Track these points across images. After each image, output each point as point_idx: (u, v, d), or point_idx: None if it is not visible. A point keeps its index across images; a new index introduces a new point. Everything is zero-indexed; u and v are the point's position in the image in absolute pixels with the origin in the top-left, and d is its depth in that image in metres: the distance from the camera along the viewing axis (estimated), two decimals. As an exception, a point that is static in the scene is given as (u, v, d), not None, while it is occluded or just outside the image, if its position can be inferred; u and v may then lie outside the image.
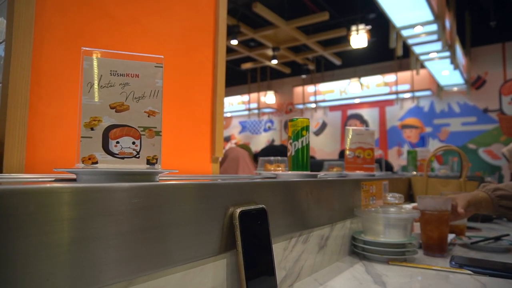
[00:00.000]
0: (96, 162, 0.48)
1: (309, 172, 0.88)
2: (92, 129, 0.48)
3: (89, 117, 0.48)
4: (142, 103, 0.51)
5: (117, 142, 0.49)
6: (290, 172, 0.88)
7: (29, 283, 0.33)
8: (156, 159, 0.51)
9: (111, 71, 0.50)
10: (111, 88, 0.49)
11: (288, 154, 0.90)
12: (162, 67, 0.53)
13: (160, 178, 0.73)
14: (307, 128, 0.89)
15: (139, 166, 0.50)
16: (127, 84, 0.50)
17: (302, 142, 0.88)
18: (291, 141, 0.89)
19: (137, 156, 0.50)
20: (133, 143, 0.50)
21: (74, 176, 0.49)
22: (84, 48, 0.48)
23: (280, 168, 1.23)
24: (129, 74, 0.51)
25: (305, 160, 0.88)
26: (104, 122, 0.49)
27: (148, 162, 0.50)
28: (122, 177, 0.47)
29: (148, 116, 0.51)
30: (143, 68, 0.52)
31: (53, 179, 0.54)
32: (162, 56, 0.53)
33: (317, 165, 1.21)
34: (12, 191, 0.33)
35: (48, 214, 0.35)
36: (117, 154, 0.49)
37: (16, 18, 0.85)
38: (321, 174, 0.92)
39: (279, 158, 1.28)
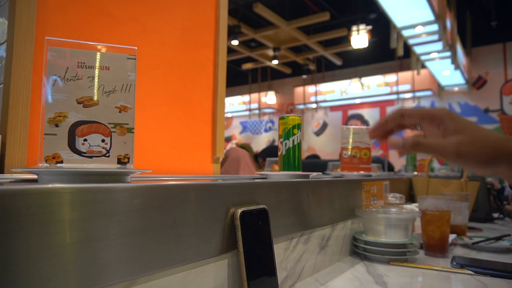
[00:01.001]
0: (61, 162, 0.44)
1: (300, 173, 0.84)
2: (56, 125, 0.44)
3: (53, 112, 0.44)
4: (113, 98, 0.47)
5: (85, 140, 0.46)
6: (281, 172, 0.84)
7: (32, 283, 0.33)
8: (128, 158, 0.48)
9: (78, 63, 0.46)
10: (79, 81, 0.46)
11: (279, 153, 0.86)
12: (135, 59, 0.49)
13: (161, 178, 0.74)
14: (298, 126, 0.85)
15: (109, 165, 0.46)
16: (96, 77, 0.47)
17: (293, 141, 0.85)
18: (281, 140, 0.86)
19: (107, 155, 0.47)
20: (103, 140, 0.46)
21: (35, 177, 0.46)
22: (48, 38, 0.45)
23: None
24: (98, 66, 0.47)
25: (297, 160, 0.85)
26: (70, 118, 0.45)
27: (119, 161, 0.47)
28: (89, 177, 0.44)
29: (120, 112, 0.47)
30: (114, 60, 0.48)
31: (11, 180, 0.50)
32: (135, 47, 0.49)
33: (322, 165, 1.20)
34: (14, 192, 0.33)
35: (50, 215, 0.35)
36: (85, 153, 0.45)
37: (18, 19, 0.85)
38: (313, 175, 0.88)
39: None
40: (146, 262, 0.45)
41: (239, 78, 9.01)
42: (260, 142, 9.08)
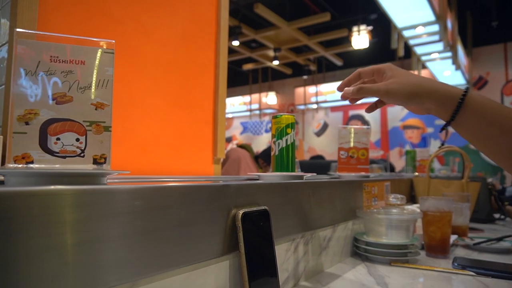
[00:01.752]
0: (32, 162, 0.41)
1: (294, 173, 0.82)
2: (27, 123, 0.41)
3: (23, 109, 0.41)
4: (88, 94, 0.44)
5: (58, 139, 0.43)
6: (273, 173, 0.81)
7: (34, 285, 0.33)
8: (105, 158, 0.45)
9: (51, 56, 0.43)
10: (51, 76, 0.43)
11: (272, 153, 0.84)
12: (113, 53, 0.46)
13: (162, 180, 0.74)
14: (292, 125, 0.83)
15: (84, 166, 0.44)
16: (70, 72, 0.44)
17: (286, 140, 0.82)
18: (274, 139, 0.83)
19: (82, 154, 0.44)
20: (77, 139, 0.44)
21: (1, 178, 0.43)
22: (18, 30, 0.42)
23: None
24: (73, 60, 0.44)
25: (290, 160, 0.82)
26: (41, 115, 0.42)
27: (95, 161, 0.44)
28: (60, 179, 0.41)
29: (96, 109, 0.45)
30: (91, 53, 0.45)
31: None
32: (113, 41, 0.47)
33: (325, 166, 1.19)
34: (16, 193, 0.33)
35: (52, 216, 0.35)
36: (58, 153, 0.42)
37: (19, 20, 0.85)
38: (307, 175, 0.86)
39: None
40: (148, 264, 0.45)
41: (240, 79, 9.01)
42: (261, 143, 9.08)
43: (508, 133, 0.54)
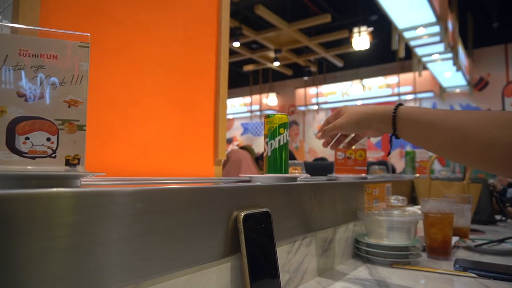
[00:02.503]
0: None
1: (286, 175, 0.79)
2: None
3: None
4: (60, 91, 0.42)
5: (27, 138, 0.40)
6: (265, 175, 0.79)
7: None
8: (78, 159, 0.42)
9: (20, 50, 0.40)
10: (20, 71, 0.40)
11: (264, 154, 0.81)
12: (88, 47, 0.44)
13: (162, 182, 0.74)
14: (285, 125, 0.80)
15: (55, 167, 0.41)
16: (41, 67, 0.41)
17: (279, 141, 0.79)
18: (267, 140, 0.80)
19: (53, 155, 0.41)
20: (48, 139, 0.41)
21: None
22: None
23: (297, 171, 1.22)
24: (44, 54, 0.41)
25: (283, 162, 0.79)
26: (9, 113, 0.39)
27: (68, 162, 0.42)
28: (28, 182, 0.39)
29: (69, 107, 0.42)
30: (64, 47, 0.42)
31: None
32: (88, 34, 0.44)
33: (328, 168, 1.19)
34: (17, 196, 0.33)
35: (54, 219, 0.35)
36: (26, 153, 0.40)
37: (21, 21, 0.85)
38: (301, 177, 0.85)
39: (295, 161, 1.24)
40: (149, 266, 0.45)
41: (240, 80, 9.02)
42: (261, 144, 9.08)
43: (440, 130, 0.63)
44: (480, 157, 0.59)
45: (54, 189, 0.36)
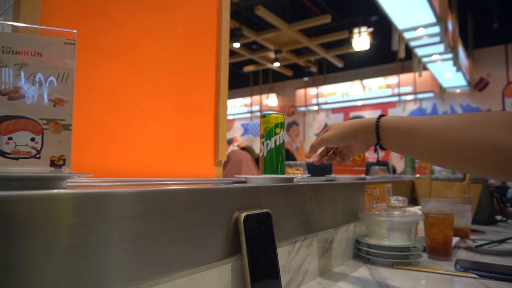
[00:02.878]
0: None
1: (283, 176, 0.78)
2: None
3: None
4: (45, 89, 0.41)
5: (10, 138, 0.39)
6: (261, 175, 0.78)
7: (37, 289, 0.33)
8: (64, 160, 0.40)
9: (3, 47, 0.39)
10: (3, 68, 0.39)
11: (260, 155, 0.80)
12: (74, 44, 0.42)
13: (163, 183, 0.74)
14: (281, 125, 0.79)
15: (40, 168, 0.40)
16: (25, 65, 0.40)
17: (275, 141, 0.78)
18: (263, 140, 0.79)
19: (38, 156, 0.40)
20: (32, 139, 0.39)
21: None
22: None
23: (299, 172, 1.22)
24: (28, 52, 0.40)
25: (279, 162, 0.78)
26: None
27: (53, 163, 0.40)
28: (10, 183, 0.37)
29: (54, 106, 0.41)
30: (49, 45, 0.41)
31: None
32: (75, 31, 0.42)
33: (330, 168, 1.18)
34: (18, 198, 0.33)
35: (55, 220, 0.35)
36: (10, 154, 0.38)
37: (22, 23, 0.85)
38: (297, 178, 0.84)
39: (298, 162, 1.24)
40: (150, 267, 0.45)
41: (241, 81, 9.02)
42: (262, 144, 9.08)
43: (419, 135, 0.65)
44: (458, 158, 0.60)
45: (55, 191, 0.36)
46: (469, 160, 0.59)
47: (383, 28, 5.20)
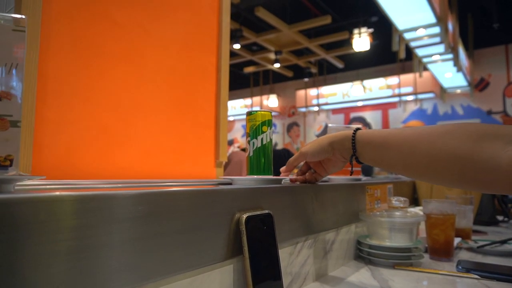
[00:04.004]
0: None
1: (270, 177, 0.74)
2: None
3: None
4: None
5: None
6: (248, 177, 0.74)
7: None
8: (11, 160, 0.37)
9: None
10: None
11: (246, 154, 0.76)
12: (24, 31, 0.38)
13: (164, 184, 0.74)
14: (268, 123, 0.74)
15: None
16: None
17: (262, 140, 0.73)
18: (249, 139, 0.75)
19: None
20: None
21: None
22: None
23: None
24: None
25: (266, 162, 0.75)
26: None
27: None
28: None
29: (0, 100, 0.37)
30: None
31: None
32: (24, 16, 0.38)
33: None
34: (21, 200, 0.33)
35: (58, 222, 0.35)
36: None
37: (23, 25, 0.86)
38: (285, 179, 0.81)
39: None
40: (152, 269, 0.45)
41: (241, 82, 9.03)
42: (262, 145, 9.08)
43: (391, 147, 0.65)
44: (428, 169, 0.61)
45: (57, 193, 0.36)
46: (437, 171, 0.60)
47: (383, 29, 5.21)
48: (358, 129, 0.74)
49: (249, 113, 0.76)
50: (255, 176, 0.74)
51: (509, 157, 0.50)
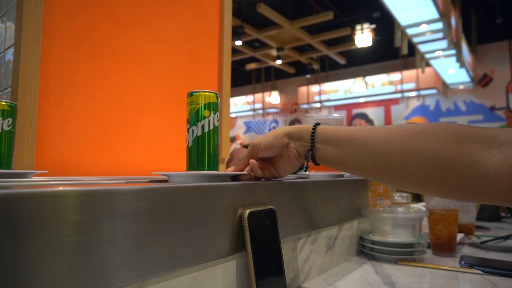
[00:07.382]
0: None
1: (213, 172, 0.59)
2: None
3: None
4: None
5: None
6: (184, 172, 0.60)
7: (44, 286, 0.34)
8: None
9: None
10: None
11: (186, 145, 0.63)
12: None
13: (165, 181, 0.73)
14: (212, 106, 0.61)
15: None
16: None
17: (203, 127, 0.60)
18: (188, 126, 0.62)
19: None
20: None
21: None
22: None
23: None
24: None
25: (208, 155, 0.60)
26: None
27: None
28: None
29: None
30: None
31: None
32: None
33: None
34: (24, 195, 0.33)
35: (61, 218, 0.36)
36: None
37: (25, 23, 0.86)
38: (233, 174, 0.67)
39: None
40: (155, 264, 0.45)
41: (243, 78, 9.02)
42: (265, 142, 9.08)
43: (358, 144, 0.59)
44: (401, 172, 0.54)
45: (61, 188, 0.36)
46: (412, 174, 0.53)
47: (386, 25, 5.18)
48: (317, 124, 0.65)
49: (189, 94, 0.63)
50: (194, 172, 0.60)
51: (496, 162, 0.45)
